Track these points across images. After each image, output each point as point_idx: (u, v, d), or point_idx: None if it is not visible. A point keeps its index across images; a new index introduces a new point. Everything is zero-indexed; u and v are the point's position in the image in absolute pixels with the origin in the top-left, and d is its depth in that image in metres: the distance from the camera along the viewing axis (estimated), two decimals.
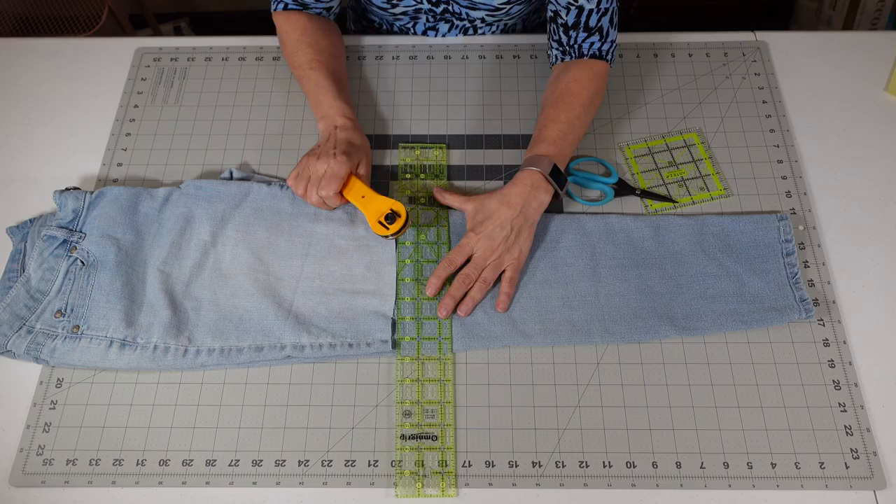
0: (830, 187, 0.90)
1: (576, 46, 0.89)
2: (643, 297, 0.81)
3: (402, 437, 0.75)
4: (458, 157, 0.93)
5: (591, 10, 0.86)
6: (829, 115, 0.96)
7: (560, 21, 0.88)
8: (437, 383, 0.77)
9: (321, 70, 0.87)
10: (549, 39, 0.93)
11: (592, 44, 0.88)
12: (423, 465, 0.73)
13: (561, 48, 0.90)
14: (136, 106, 0.98)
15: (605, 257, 0.83)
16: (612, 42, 0.90)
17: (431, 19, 1.01)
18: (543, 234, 0.85)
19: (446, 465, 0.73)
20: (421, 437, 0.74)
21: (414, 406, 0.76)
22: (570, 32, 0.88)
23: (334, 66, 0.89)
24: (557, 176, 0.82)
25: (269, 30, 1.01)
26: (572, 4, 0.86)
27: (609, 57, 0.90)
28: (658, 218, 0.86)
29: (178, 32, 1.96)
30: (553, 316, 0.80)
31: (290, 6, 0.93)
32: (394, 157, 0.93)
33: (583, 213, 0.87)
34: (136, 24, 1.83)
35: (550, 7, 0.89)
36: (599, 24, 0.87)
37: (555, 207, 0.87)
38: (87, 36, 1.52)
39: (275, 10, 0.94)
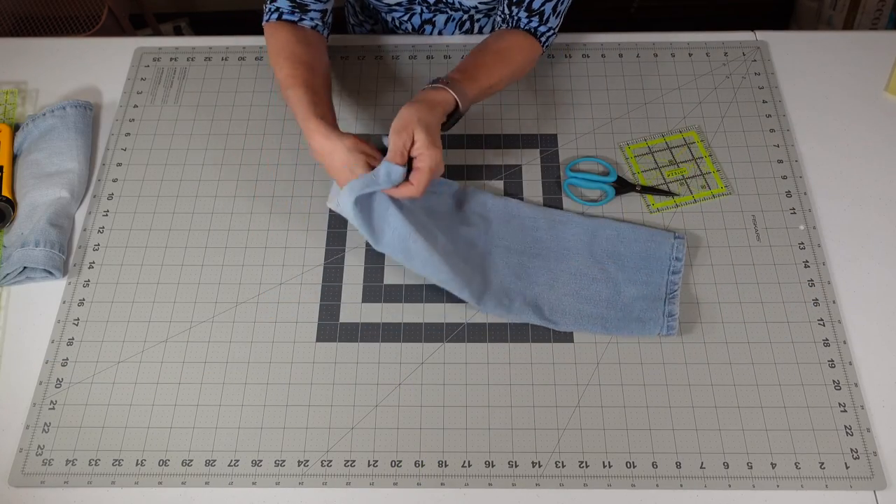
0: (830, 187, 0.90)
1: (514, 19, 0.90)
2: (517, 280, 0.82)
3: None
4: (457, 157, 0.93)
5: None
6: (829, 114, 0.96)
7: None
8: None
9: (297, 86, 0.84)
10: (495, 11, 0.93)
11: (531, 21, 0.89)
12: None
13: (502, 17, 0.92)
14: (135, 106, 0.98)
15: (496, 237, 0.85)
16: (551, 29, 0.90)
17: (427, 11, 1.01)
18: (452, 204, 0.86)
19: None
20: None
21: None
22: (513, 8, 0.89)
23: (311, 79, 0.85)
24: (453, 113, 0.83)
25: None
26: None
27: (543, 40, 0.91)
28: (558, 213, 0.87)
29: (177, 32, 1.96)
30: (437, 268, 0.79)
31: (284, 16, 0.90)
32: None
33: (486, 193, 0.89)
34: (136, 24, 1.83)
35: None
36: (542, 9, 0.88)
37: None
38: (87, 36, 1.52)
39: (266, 21, 0.91)
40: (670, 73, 1.00)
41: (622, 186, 0.89)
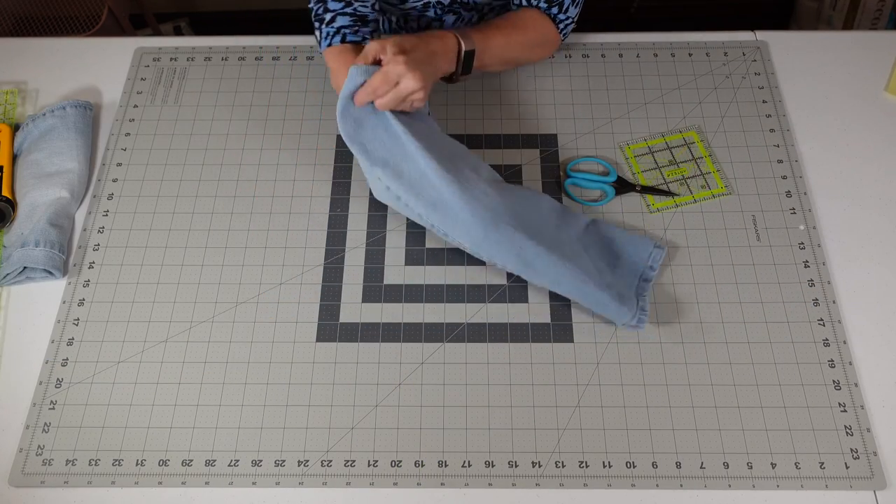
0: (830, 187, 0.90)
1: (535, 3, 0.92)
2: (510, 219, 0.79)
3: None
4: None
5: None
6: (829, 115, 0.96)
7: None
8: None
9: None
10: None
11: (550, 8, 0.91)
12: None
13: (518, 6, 0.93)
14: (135, 106, 0.98)
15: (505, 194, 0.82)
16: (570, 18, 0.92)
17: (439, 11, 1.01)
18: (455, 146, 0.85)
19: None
20: None
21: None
22: None
23: None
24: (464, 64, 0.85)
25: (269, 30, 1.01)
26: None
27: (562, 28, 0.93)
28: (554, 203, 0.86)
29: (177, 32, 1.96)
30: (431, 185, 0.80)
31: (348, 37, 0.86)
32: None
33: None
34: (136, 24, 1.83)
35: None
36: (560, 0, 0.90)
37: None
38: (87, 36, 1.52)
39: (328, 45, 0.86)
40: (670, 73, 1.00)
41: (622, 186, 0.89)
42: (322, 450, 0.75)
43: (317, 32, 0.89)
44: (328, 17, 0.86)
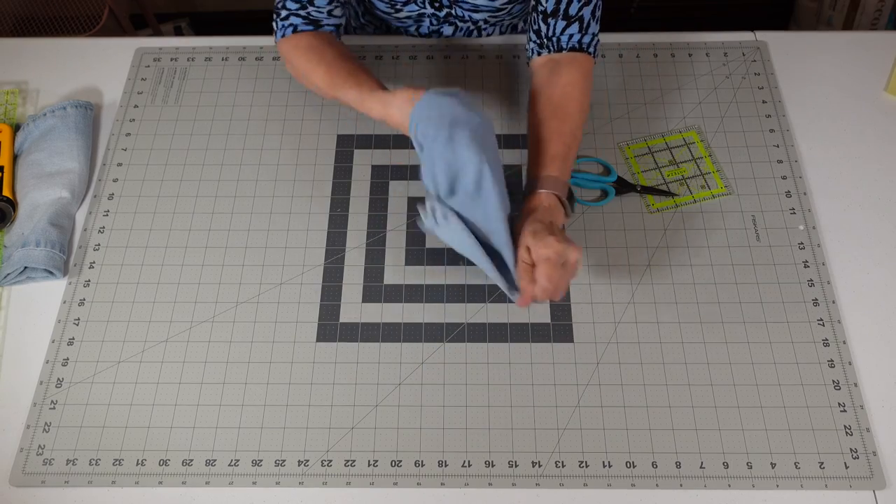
0: (830, 187, 0.90)
1: (554, 39, 0.85)
2: None
3: None
4: None
5: None
6: (829, 115, 0.96)
7: (540, 8, 0.84)
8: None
9: (346, 87, 0.81)
10: (527, 32, 0.89)
11: (571, 35, 0.84)
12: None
13: (538, 40, 0.86)
14: (135, 106, 0.98)
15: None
16: (594, 35, 0.85)
17: (435, 22, 1.01)
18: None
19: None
20: None
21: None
22: (549, 20, 0.84)
23: (348, 77, 0.82)
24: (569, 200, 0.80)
25: (269, 30, 1.00)
26: None
27: (591, 51, 0.85)
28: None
29: (178, 32, 1.96)
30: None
31: (299, 28, 0.86)
32: (394, 157, 0.93)
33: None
34: (136, 24, 1.83)
35: None
36: (580, 14, 0.83)
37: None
38: (88, 36, 1.52)
39: (282, 36, 0.87)
40: (670, 73, 1.00)
41: (622, 186, 0.89)
42: (322, 450, 0.75)
43: (273, 24, 0.88)
44: (283, 13, 0.87)
